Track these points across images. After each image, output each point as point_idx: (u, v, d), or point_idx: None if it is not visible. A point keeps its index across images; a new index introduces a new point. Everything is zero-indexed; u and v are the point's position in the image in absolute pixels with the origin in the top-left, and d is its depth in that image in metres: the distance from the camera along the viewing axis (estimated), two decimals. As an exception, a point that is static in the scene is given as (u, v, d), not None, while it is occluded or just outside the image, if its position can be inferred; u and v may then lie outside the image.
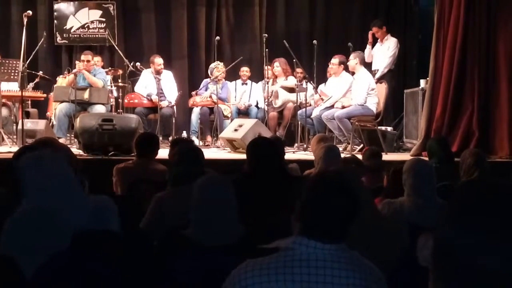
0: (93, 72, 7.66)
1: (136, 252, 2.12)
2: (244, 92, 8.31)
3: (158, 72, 8.04)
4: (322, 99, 7.42)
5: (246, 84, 8.39)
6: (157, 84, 7.85)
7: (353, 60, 7.07)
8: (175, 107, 8.04)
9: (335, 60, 7.48)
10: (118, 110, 7.91)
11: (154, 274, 2.10)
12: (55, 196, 2.13)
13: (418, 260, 1.11)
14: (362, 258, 1.69)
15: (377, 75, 7.67)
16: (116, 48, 8.44)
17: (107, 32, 8.94)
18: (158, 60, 8.10)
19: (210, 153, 6.39)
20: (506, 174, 5.09)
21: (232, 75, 8.48)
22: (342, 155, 5.09)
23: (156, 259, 2.19)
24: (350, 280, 1.59)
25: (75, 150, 5.87)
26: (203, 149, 3.74)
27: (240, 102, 8.16)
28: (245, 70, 8.40)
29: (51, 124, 7.57)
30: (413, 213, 2.94)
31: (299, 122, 7.35)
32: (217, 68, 8.07)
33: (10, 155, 4.88)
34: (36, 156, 2.28)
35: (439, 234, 1.05)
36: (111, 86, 8.05)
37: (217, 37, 8.52)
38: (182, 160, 3.33)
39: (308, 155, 6.00)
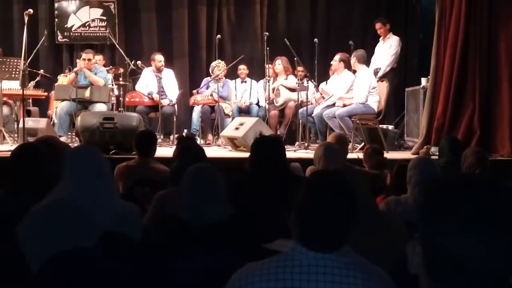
0: (94, 70, 7.67)
1: (137, 250, 2.13)
2: (245, 91, 8.32)
3: (158, 69, 8.04)
4: (324, 98, 7.42)
5: (246, 82, 8.40)
6: (158, 82, 7.85)
7: (352, 59, 7.11)
8: (176, 105, 8.03)
9: (336, 57, 7.49)
10: (119, 109, 7.91)
11: (155, 273, 2.10)
12: (87, 191, 2.13)
13: (408, 268, 1.11)
14: (367, 263, 1.62)
15: (380, 74, 7.66)
16: (117, 46, 8.44)
17: (108, 31, 8.95)
18: (159, 57, 8.10)
19: (211, 152, 6.39)
20: (507, 172, 5.09)
21: (231, 73, 8.48)
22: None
23: (157, 258, 2.19)
24: (352, 286, 1.54)
25: (76, 148, 5.87)
26: (204, 148, 3.74)
27: (241, 101, 8.17)
28: (242, 69, 8.41)
29: (52, 122, 7.57)
30: (415, 212, 2.94)
31: (300, 121, 7.34)
32: (218, 66, 8.08)
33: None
34: (84, 148, 2.33)
35: (422, 235, 1.05)
36: (112, 85, 8.06)
37: (218, 36, 8.52)
38: (183, 157, 3.34)
39: (309, 154, 6.00)
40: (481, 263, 0.98)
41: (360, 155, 5.51)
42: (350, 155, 5.94)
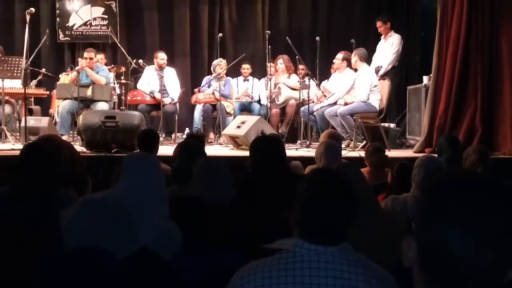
0: (95, 69, 7.68)
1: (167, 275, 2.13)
2: (247, 89, 8.32)
3: (161, 67, 8.05)
4: (325, 96, 7.41)
5: (248, 80, 8.41)
6: (159, 81, 7.86)
7: (353, 58, 7.09)
8: (177, 104, 8.04)
9: (339, 56, 7.50)
10: (121, 107, 7.91)
11: (156, 272, 2.10)
12: (139, 199, 2.10)
13: (402, 262, 1.11)
14: (368, 260, 1.64)
15: (381, 72, 7.65)
16: (119, 45, 8.46)
17: (109, 29, 8.94)
18: (161, 55, 8.13)
19: (212, 150, 6.39)
20: (509, 170, 5.08)
21: (233, 72, 8.48)
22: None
23: (157, 257, 2.19)
24: (353, 282, 1.55)
25: (78, 147, 5.87)
26: (206, 146, 3.74)
27: (242, 97, 8.17)
28: (245, 68, 8.41)
29: (54, 121, 7.56)
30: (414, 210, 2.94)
31: (302, 119, 7.34)
32: (220, 65, 8.08)
33: (13, 153, 4.89)
34: (145, 156, 2.41)
35: (418, 233, 1.05)
36: (114, 83, 8.06)
37: (220, 34, 8.52)
38: (184, 156, 3.34)
39: (311, 152, 5.99)
40: (475, 263, 0.97)
41: (362, 154, 5.51)
42: (351, 154, 5.96)
